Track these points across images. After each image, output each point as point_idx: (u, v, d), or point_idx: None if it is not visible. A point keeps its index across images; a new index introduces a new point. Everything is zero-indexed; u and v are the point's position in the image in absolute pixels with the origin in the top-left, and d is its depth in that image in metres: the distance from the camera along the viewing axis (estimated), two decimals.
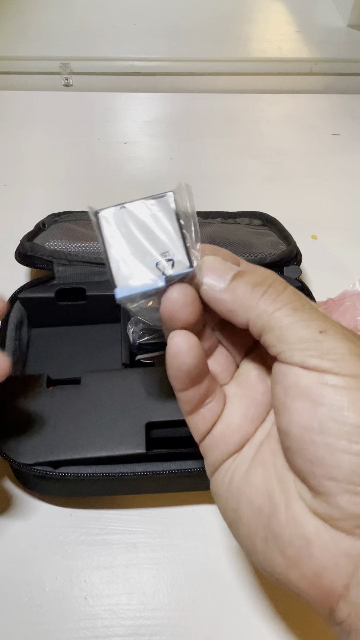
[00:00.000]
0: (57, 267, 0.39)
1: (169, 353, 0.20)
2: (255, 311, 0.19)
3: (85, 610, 0.30)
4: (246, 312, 0.20)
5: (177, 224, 0.20)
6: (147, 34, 0.70)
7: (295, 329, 0.19)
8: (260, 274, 0.21)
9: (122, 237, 0.20)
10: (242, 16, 0.76)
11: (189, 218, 0.21)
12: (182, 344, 0.20)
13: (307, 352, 0.18)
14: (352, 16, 0.73)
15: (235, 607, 0.31)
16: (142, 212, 0.21)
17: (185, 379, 0.21)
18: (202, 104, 0.65)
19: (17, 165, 0.56)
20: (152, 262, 0.20)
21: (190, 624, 0.30)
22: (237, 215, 0.47)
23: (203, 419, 0.22)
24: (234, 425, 0.22)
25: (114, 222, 0.20)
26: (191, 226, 0.21)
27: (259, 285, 0.20)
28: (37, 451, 0.30)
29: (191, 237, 0.20)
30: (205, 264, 0.21)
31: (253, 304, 0.20)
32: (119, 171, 0.56)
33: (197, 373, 0.21)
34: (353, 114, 0.65)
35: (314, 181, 0.56)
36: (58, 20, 0.71)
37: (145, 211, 0.21)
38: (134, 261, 0.20)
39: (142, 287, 0.20)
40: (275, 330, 0.19)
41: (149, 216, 0.20)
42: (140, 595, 0.31)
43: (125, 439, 0.31)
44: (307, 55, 0.68)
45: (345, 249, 0.50)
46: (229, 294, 0.20)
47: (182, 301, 0.20)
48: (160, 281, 0.20)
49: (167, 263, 0.20)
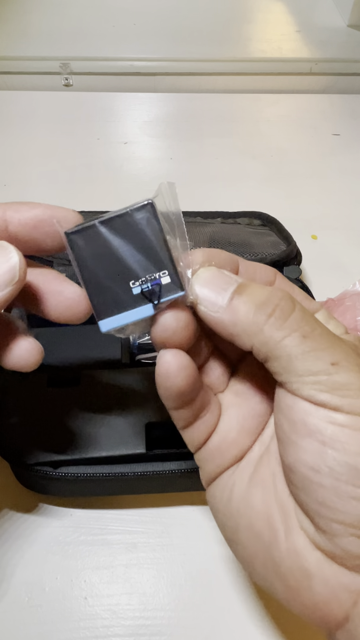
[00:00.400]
0: (57, 267, 0.39)
1: (158, 373, 0.19)
2: (260, 337, 0.18)
3: (85, 610, 0.30)
4: (249, 337, 0.18)
5: (162, 236, 0.18)
6: (147, 34, 0.70)
7: (304, 359, 0.17)
8: (264, 290, 0.18)
9: (98, 261, 0.18)
10: (242, 16, 0.76)
11: (174, 223, 0.18)
12: (172, 364, 0.18)
13: (316, 385, 0.17)
14: (352, 16, 0.73)
15: (235, 607, 0.31)
16: (119, 228, 0.18)
17: (176, 400, 0.19)
18: (202, 104, 0.65)
19: (17, 165, 0.56)
20: (136, 287, 0.18)
21: (190, 624, 0.30)
22: (237, 215, 0.47)
23: (197, 431, 0.21)
24: (230, 438, 0.21)
25: (87, 244, 0.18)
26: (177, 232, 0.18)
27: (263, 305, 0.18)
28: (37, 451, 0.30)
29: (178, 245, 0.18)
30: (200, 279, 0.19)
31: (257, 330, 0.18)
32: (119, 171, 0.56)
33: (190, 393, 0.19)
34: (353, 114, 0.65)
35: (314, 181, 0.56)
36: (58, 20, 0.71)
37: (122, 227, 0.18)
38: (115, 288, 0.18)
39: (128, 317, 0.18)
40: (282, 359, 0.17)
41: (128, 232, 0.18)
42: (140, 595, 0.31)
43: (125, 439, 0.31)
44: (307, 55, 0.68)
45: (345, 249, 0.50)
46: (230, 315, 0.18)
47: (173, 329, 0.18)
48: (148, 310, 0.18)
49: (154, 287, 0.18)
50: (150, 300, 0.18)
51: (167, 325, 0.18)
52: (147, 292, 0.18)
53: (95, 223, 0.18)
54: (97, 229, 0.18)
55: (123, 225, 0.18)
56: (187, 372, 0.19)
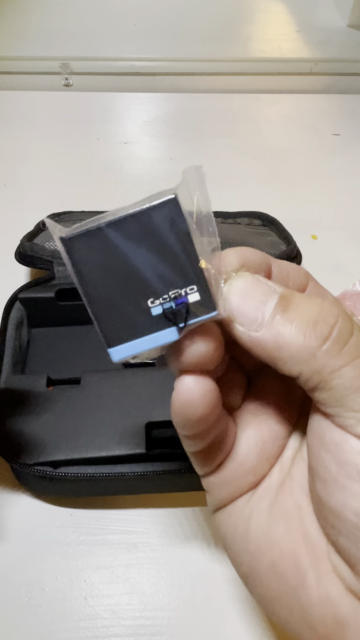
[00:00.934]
0: (57, 267, 0.39)
1: (177, 400, 0.16)
2: (311, 365, 0.15)
3: (85, 610, 0.30)
4: (298, 364, 0.15)
5: (189, 241, 0.14)
6: (147, 34, 0.70)
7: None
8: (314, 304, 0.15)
9: (106, 273, 0.14)
10: (242, 16, 0.76)
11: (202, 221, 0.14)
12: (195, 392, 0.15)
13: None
14: (352, 16, 0.73)
15: (235, 607, 0.31)
16: (133, 232, 0.14)
17: (194, 429, 0.17)
18: (202, 104, 0.65)
19: (17, 165, 0.56)
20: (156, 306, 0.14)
21: (190, 624, 0.30)
22: (237, 215, 0.47)
23: (211, 457, 0.18)
24: (248, 464, 0.18)
25: (91, 252, 0.14)
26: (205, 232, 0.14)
27: (316, 326, 0.15)
28: (37, 451, 0.30)
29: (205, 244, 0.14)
30: (235, 291, 0.15)
31: (309, 356, 0.15)
32: (119, 171, 0.56)
33: (211, 422, 0.17)
34: (353, 114, 0.65)
35: (314, 181, 0.56)
36: (58, 20, 0.71)
37: (137, 230, 0.14)
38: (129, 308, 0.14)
39: (146, 344, 0.15)
40: (336, 390, 0.15)
41: (144, 236, 0.14)
42: (140, 595, 0.31)
43: (125, 439, 0.31)
44: (307, 55, 0.68)
45: (345, 249, 0.50)
46: (273, 336, 0.15)
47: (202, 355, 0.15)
48: (171, 335, 0.14)
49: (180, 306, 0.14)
50: (175, 323, 0.14)
51: (196, 353, 0.15)
52: (170, 312, 0.14)
53: (101, 226, 0.14)
54: (103, 233, 0.14)
55: (138, 227, 0.14)
56: (211, 399, 0.16)
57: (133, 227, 0.14)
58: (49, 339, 0.40)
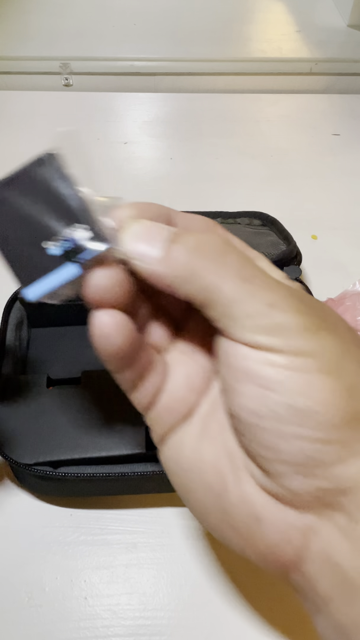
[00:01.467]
0: None
1: (94, 334, 0.18)
2: (197, 283, 0.17)
3: (85, 610, 0.30)
4: (186, 284, 0.17)
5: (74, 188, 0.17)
6: (147, 34, 0.70)
7: (242, 302, 0.17)
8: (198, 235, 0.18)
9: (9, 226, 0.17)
10: (242, 16, 0.76)
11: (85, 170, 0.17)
12: (107, 324, 0.17)
13: (254, 328, 0.17)
14: (352, 16, 0.73)
15: (235, 607, 0.31)
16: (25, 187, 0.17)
17: (117, 361, 0.19)
18: (202, 104, 0.65)
19: (17, 165, 0.56)
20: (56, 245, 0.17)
21: (190, 624, 0.30)
22: (237, 215, 0.47)
23: (144, 393, 0.20)
24: (177, 397, 0.20)
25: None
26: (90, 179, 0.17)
27: (197, 249, 0.17)
28: (37, 451, 0.30)
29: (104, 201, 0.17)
30: (131, 233, 0.18)
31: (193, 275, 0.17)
32: (119, 171, 0.56)
33: (130, 353, 0.18)
34: (353, 114, 0.65)
35: (314, 181, 0.56)
36: (58, 20, 0.71)
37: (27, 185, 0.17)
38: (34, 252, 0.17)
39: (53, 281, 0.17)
40: (220, 304, 0.17)
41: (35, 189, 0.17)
42: (140, 595, 0.31)
43: (125, 439, 0.31)
44: (307, 55, 0.68)
45: (345, 249, 0.50)
46: (164, 264, 0.17)
47: (105, 287, 0.17)
48: (73, 270, 0.17)
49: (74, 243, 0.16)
50: (70, 259, 0.16)
51: (98, 284, 0.17)
52: (69, 251, 0.16)
53: None
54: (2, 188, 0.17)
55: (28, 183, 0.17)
56: (125, 331, 0.18)
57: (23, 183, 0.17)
58: (49, 339, 0.40)
